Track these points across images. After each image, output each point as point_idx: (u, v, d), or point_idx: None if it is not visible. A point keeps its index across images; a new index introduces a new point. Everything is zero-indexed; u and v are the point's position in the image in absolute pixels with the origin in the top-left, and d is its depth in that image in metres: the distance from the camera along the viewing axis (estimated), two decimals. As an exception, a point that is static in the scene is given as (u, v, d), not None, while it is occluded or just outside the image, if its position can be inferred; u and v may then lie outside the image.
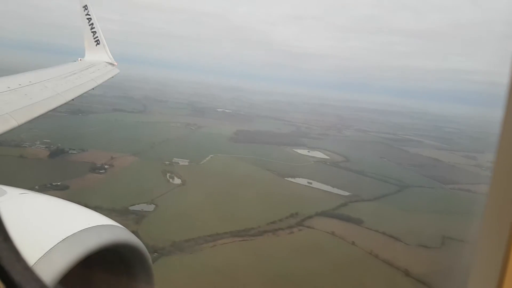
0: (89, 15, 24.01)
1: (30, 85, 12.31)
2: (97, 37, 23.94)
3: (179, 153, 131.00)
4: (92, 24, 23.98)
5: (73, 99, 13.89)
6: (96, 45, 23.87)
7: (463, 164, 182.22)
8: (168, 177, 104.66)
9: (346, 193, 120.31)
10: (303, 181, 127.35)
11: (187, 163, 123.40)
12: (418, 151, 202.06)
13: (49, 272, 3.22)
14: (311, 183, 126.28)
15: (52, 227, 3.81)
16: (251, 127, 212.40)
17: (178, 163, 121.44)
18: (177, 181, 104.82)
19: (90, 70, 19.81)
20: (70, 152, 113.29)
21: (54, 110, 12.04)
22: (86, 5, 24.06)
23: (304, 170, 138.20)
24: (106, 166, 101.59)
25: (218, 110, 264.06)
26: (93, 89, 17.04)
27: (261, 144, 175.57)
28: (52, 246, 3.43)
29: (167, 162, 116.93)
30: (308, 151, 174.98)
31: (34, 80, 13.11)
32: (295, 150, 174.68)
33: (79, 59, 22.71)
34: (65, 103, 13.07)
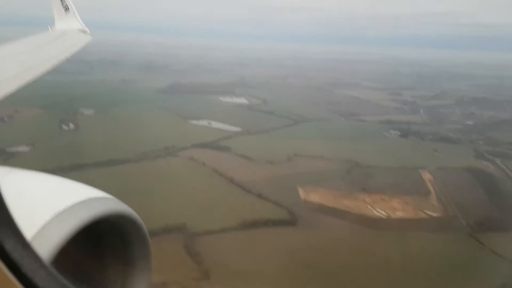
0: None
1: None
2: (65, 3, 22.58)
3: (91, 105, 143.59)
4: None
5: (46, 72, 12.57)
6: (66, 12, 22.45)
7: (380, 99, 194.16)
8: (63, 124, 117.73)
9: (238, 129, 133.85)
10: (204, 122, 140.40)
11: (92, 113, 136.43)
12: (345, 92, 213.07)
13: (45, 248, 3.18)
14: (210, 123, 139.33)
15: (42, 203, 3.63)
16: (190, 80, 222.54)
17: (83, 113, 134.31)
18: (71, 127, 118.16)
19: (62, 39, 18.85)
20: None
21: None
22: None
23: (213, 114, 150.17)
24: (5, 118, 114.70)
25: (169, 67, 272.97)
26: (67, 59, 15.92)
27: (190, 94, 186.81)
28: (46, 222, 3.32)
29: (71, 113, 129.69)
30: (232, 98, 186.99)
31: (2, 54, 12.39)
32: (220, 98, 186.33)
33: (49, 27, 21.78)
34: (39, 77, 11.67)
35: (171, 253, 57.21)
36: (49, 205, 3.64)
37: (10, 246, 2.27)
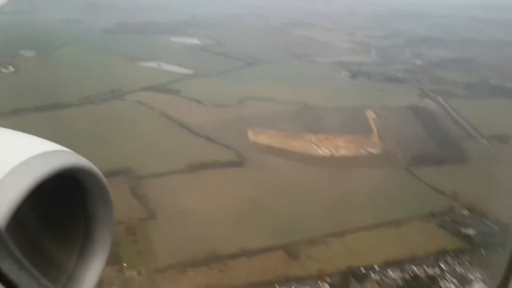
0: None
1: None
2: None
3: (32, 46, 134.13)
4: None
5: None
6: None
7: (334, 40, 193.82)
8: (1, 68, 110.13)
9: (189, 71, 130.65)
10: (153, 64, 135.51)
11: (33, 55, 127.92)
12: (301, 32, 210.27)
13: (1, 206, 3.00)
14: (160, 65, 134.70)
15: None
16: (139, 19, 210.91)
17: (24, 55, 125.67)
18: (10, 70, 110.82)
19: None
20: None
21: None
22: None
23: (163, 55, 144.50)
24: None
25: (116, 5, 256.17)
26: None
27: (139, 34, 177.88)
28: (0, 178, 3.10)
29: (10, 55, 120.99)
30: (184, 39, 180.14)
31: None
32: (171, 38, 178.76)
33: None
34: None
35: (116, 196, 55.42)
36: (2, 161, 3.34)
37: None
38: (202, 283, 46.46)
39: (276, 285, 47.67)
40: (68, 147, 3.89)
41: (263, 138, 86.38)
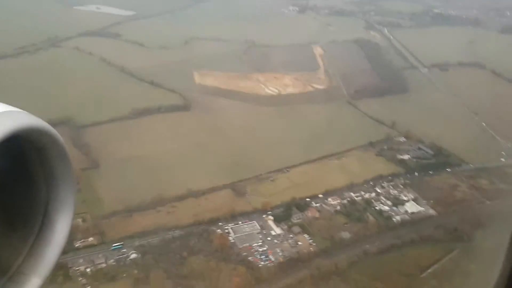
0: None
1: None
2: None
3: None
4: None
5: None
6: None
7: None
8: None
9: (131, 13, 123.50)
10: (92, 8, 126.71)
11: None
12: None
13: None
14: (99, 8, 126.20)
15: None
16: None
17: None
18: None
19: None
20: None
21: None
22: None
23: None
24: None
25: None
26: None
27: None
28: None
29: None
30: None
31: None
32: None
33: None
34: None
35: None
36: None
37: None
38: (149, 225, 47.43)
39: (223, 221, 49.42)
40: (2, 101, 3.72)
41: (210, 80, 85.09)
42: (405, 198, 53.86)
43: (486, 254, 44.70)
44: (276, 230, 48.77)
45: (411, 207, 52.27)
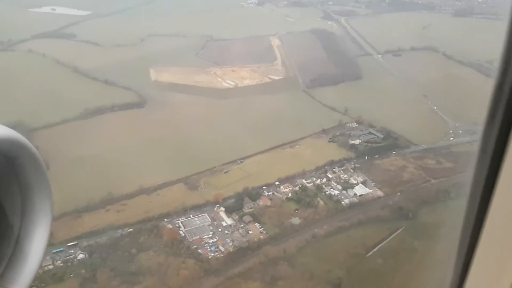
0: None
1: None
2: None
3: None
4: None
5: None
6: None
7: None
8: None
9: (87, 12, 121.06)
10: (47, 9, 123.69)
11: None
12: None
13: None
14: (55, 9, 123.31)
15: None
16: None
17: None
18: None
19: None
20: None
21: None
22: None
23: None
24: None
25: None
26: None
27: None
28: None
29: None
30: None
31: None
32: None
33: None
34: None
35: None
36: None
37: None
38: (97, 225, 47.14)
39: (174, 216, 49.53)
40: None
41: (166, 76, 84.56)
42: (354, 182, 55.06)
43: (429, 230, 46.36)
44: (227, 221, 49.20)
45: (359, 189, 53.49)
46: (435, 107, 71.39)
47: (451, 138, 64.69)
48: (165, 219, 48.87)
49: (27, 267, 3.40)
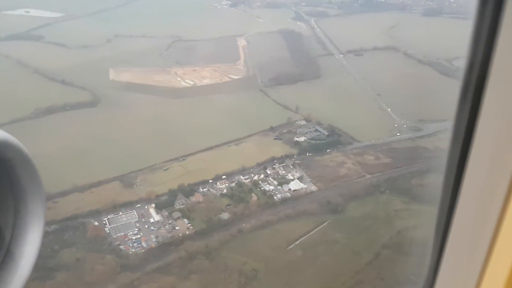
0: None
1: None
2: None
3: None
4: None
5: None
6: None
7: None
8: None
9: (60, 14, 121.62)
10: (20, 11, 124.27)
11: None
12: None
13: None
14: (28, 12, 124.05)
15: None
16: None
17: None
18: None
19: None
20: None
21: None
22: None
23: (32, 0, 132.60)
24: None
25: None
26: None
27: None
28: None
29: None
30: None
31: None
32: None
33: None
34: None
35: None
36: None
37: None
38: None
39: (103, 213, 49.43)
40: None
41: (125, 76, 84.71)
42: (291, 177, 54.94)
43: (354, 223, 46.30)
44: (156, 218, 49.10)
45: (294, 185, 53.35)
46: (386, 105, 71.27)
47: (397, 134, 64.64)
48: (94, 216, 48.81)
49: (19, 271, 3.27)
